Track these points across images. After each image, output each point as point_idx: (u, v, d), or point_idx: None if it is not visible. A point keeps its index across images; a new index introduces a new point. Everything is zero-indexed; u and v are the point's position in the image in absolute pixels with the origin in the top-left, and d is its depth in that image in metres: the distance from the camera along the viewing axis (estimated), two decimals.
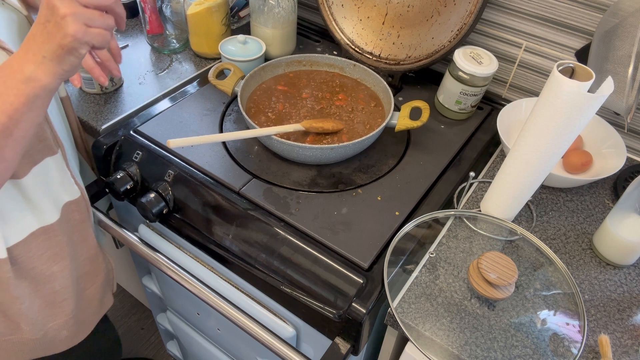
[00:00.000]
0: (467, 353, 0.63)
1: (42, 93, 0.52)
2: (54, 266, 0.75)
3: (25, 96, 0.51)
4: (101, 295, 0.90)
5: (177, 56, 1.11)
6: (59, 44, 0.50)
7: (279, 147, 0.81)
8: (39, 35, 0.50)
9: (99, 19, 0.51)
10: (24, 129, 0.53)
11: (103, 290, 0.90)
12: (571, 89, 0.59)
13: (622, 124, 0.92)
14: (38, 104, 0.52)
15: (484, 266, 0.67)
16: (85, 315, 0.86)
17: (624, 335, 0.66)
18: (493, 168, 0.90)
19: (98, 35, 0.51)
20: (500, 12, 0.95)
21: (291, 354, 0.74)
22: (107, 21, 0.52)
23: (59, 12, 0.48)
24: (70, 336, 0.84)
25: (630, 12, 0.75)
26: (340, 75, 0.98)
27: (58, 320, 0.80)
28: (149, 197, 0.82)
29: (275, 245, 0.74)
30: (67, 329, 0.82)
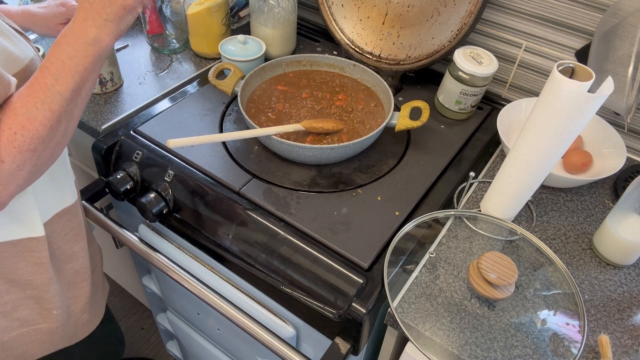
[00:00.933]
0: (467, 353, 0.63)
1: (104, 53, 0.58)
2: (75, 246, 0.77)
3: (92, 56, 0.56)
4: (102, 276, 0.91)
5: (177, 56, 1.11)
6: (121, 5, 0.56)
7: (279, 147, 0.81)
8: (98, 1, 0.56)
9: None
10: (89, 87, 0.59)
11: (101, 272, 0.91)
12: (571, 89, 0.59)
13: (622, 124, 0.92)
14: (100, 63, 0.58)
15: (484, 266, 0.67)
16: (96, 297, 0.87)
17: (624, 335, 0.66)
18: (493, 168, 0.90)
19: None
20: (500, 12, 0.95)
21: (291, 354, 0.74)
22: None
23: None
24: (90, 319, 0.85)
25: (630, 12, 0.75)
26: (340, 75, 0.98)
27: (80, 303, 0.81)
28: (149, 197, 0.82)
29: (275, 245, 0.74)
30: (87, 312, 0.83)
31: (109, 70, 0.97)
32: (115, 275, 1.63)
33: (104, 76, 0.97)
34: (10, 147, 0.53)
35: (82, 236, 0.79)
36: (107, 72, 0.97)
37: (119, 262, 1.42)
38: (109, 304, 1.70)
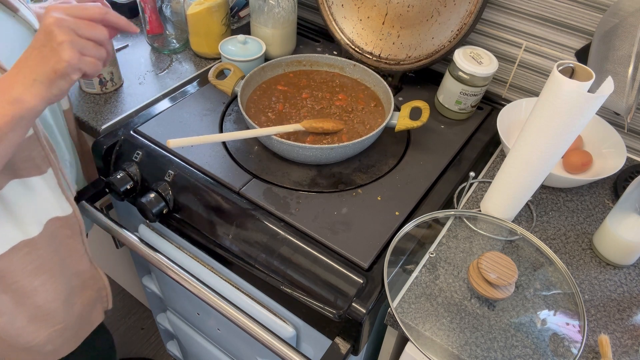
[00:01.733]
0: (467, 353, 0.63)
1: (27, 115, 0.52)
2: (35, 280, 0.73)
3: (9, 116, 0.51)
4: (89, 311, 0.88)
5: (177, 56, 1.11)
6: (52, 68, 0.51)
7: (279, 147, 0.81)
8: (32, 58, 0.51)
9: (93, 49, 0.54)
10: (3, 148, 0.53)
11: (92, 307, 0.88)
12: (571, 89, 0.59)
13: (622, 124, 0.92)
14: (22, 124, 0.53)
15: (484, 266, 0.67)
16: (72, 330, 0.84)
17: (624, 335, 0.66)
18: (493, 168, 0.90)
19: (90, 64, 0.54)
20: (500, 12, 0.95)
21: (291, 354, 0.74)
22: (100, 52, 0.55)
23: (56, 38, 0.50)
24: (54, 350, 0.82)
25: (630, 12, 0.75)
26: (340, 75, 0.98)
27: (41, 336, 0.78)
28: (149, 197, 0.82)
29: (275, 245, 0.74)
30: (52, 343, 0.80)
31: (109, 70, 0.97)
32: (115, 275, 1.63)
33: (104, 76, 0.97)
34: None
35: (46, 270, 0.74)
36: (107, 72, 0.97)
37: (119, 262, 1.42)
38: None
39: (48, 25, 0.51)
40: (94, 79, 0.96)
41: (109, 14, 0.56)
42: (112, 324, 1.67)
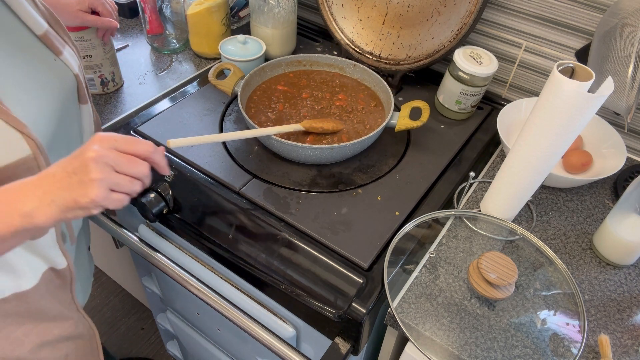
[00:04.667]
0: (467, 353, 0.63)
1: (32, 229, 0.49)
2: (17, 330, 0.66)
3: (15, 227, 0.48)
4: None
5: (177, 56, 1.11)
6: (74, 199, 0.48)
7: (279, 147, 0.81)
8: (59, 180, 0.48)
9: (127, 185, 0.51)
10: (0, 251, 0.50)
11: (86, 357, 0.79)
12: (571, 89, 0.59)
13: (622, 124, 0.92)
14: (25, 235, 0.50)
15: (484, 266, 0.67)
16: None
17: (624, 335, 0.66)
18: (493, 168, 0.90)
19: (116, 201, 0.51)
20: (500, 12, 0.95)
21: (291, 354, 0.74)
22: (134, 187, 0.52)
23: (89, 174, 0.48)
24: None
25: (630, 12, 0.75)
26: (340, 75, 0.98)
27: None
28: (149, 197, 0.82)
29: (275, 245, 0.74)
30: None
31: (110, 70, 0.97)
32: (115, 275, 1.63)
33: (106, 76, 0.97)
34: None
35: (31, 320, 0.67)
36: (109, 72, 0.97)
37: (119, 262, 1.42)
38: (109, 305, 1.71)
39: (86, 158, 0.48)
40: (96, 80, 0.96)
41: (156, 154, 0.54)
42: (112, 324, 1.67)
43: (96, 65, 0.94)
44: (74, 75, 0.60)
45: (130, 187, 0.51)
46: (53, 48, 0.56)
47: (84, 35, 0.88)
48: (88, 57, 0.92)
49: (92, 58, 0.93)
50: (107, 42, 0.93)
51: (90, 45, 0.91)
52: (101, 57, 0.94)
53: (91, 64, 0.93)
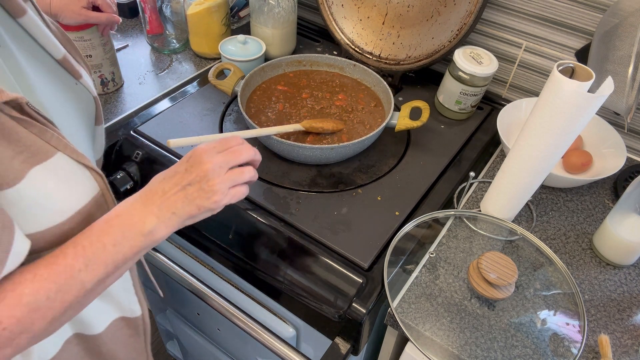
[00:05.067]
0: (467, 353, 0.63)
1: (152, 245, 0.50)
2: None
3: (139, 247, 0.49)
4: None
5: (177, 56, 1.11)
6: (199, 206, 0.51)
7: (279, 147, 0.81)
8: (174, 194, 0.50)
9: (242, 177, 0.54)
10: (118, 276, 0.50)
11: None
12: (571, 89, 0.59)
13: (622, 124, 0.92)
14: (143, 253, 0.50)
15: (484, 266, 0.67)
16: None
17: (624, 335, 0.66)
18: (493, 168, 0.90)
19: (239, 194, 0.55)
20: (500, 12, 0.95)
21: (291, 354, 0.74)
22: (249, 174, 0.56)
23: (209, 181, 0.51)
24: None
25: (630, 12, 0.75)
26: (340, 75, 0.98)
27: None
28: None
29: (275, 246, 0.74)
30: None
31: (110, 70, 0.97)
32: None
33: (106, 76, 0.97)
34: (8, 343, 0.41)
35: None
36: (109, 73, 0.97)
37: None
38: None
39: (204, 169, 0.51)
40: (96, 80, 0.96)
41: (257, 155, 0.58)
42: None
43: (96, 65, 0.94)
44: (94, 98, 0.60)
45: (245, 177, 0.55)
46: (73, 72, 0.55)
47: (84, 35, 0.88)
48: (88, 57, 0.92)
49: (92, 58, 0.93)
50: (107, 37, 0.92)
51: (90, 45, 0.91)
52: (101, 57, 0.94)
53: (91, 64, 0.93)
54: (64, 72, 0.55)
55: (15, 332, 0.42)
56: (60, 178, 0.46)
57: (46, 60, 0.53)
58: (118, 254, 0.47)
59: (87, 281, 0.45)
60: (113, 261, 0.47)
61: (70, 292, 0.44)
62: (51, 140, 0.45)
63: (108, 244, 0.46)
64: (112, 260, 0.47)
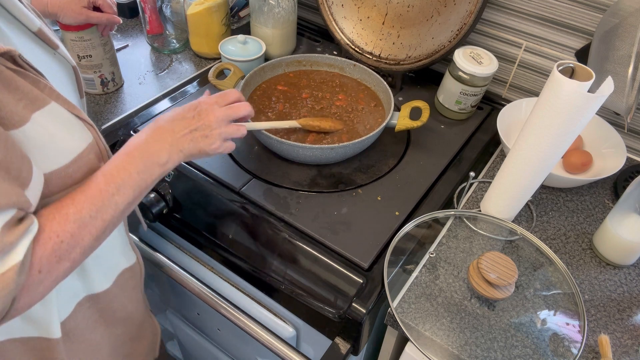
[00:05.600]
0: (467, 353, 0.63)
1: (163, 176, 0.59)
2: (98, 334, 0.70)
3: (157, 176, 0.58)
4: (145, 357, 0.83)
5: (177, 56, 1.11)
6: (200, 149, 0.61)
7: (279, 147, 0.81)
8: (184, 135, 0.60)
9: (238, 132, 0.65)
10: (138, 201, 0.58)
11: (145, 356, 0.83)
12: (571, 89, 0.59)
13: (622, 124, 0.92)
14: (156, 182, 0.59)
15: (484, 266, 0.67)
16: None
17: (624, 335, 0.66)
18: (493, 168, 0.90)
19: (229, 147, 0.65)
20: (500, 12, 0.95)
21: (291, 354, 0.74)
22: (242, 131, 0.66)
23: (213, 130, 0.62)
24: None
25: (630, 12, 0.75)
26: (340, 75, 0.98)
27: None
28: (148, 196, 0.82)
29: (275, 245, 0.74)
30: None
31: (110, 70, 0.97)
32: None
33: (106, 76, 0.97)
34: (53, 256, 0.48)
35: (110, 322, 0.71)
36: (109, 72, 0.97)
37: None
38: None
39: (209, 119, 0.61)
40: (96, 80, 0.96)
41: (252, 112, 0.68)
42: None
43: (96, 65, 0.94)
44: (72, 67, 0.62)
45: (239, 133, 0.65)
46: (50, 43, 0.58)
47: (84, 35, 0.88)
48: (88, 57, 0.92)
49: (92, 58, 0.93)
50: (107, 37, 0.93)
51: (90, 45, 0.91)
52: (101, 57, 0.94)
53: (91, 64, 0.93)
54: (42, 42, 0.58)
55: (71, 245, 0.49)
56: (58, 123, 0.51)
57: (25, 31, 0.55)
58: (142, 180, 0.55)
59: (120, 203, 0.53)
60: (138, 186, 0.55)
61: (108, 212, 0.52)
62: (45, 90, 0.50)
63: (133, 172, 0.55)
64: (137, 186, 0.55)
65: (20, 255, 0.45)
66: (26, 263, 0.45)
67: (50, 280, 0.49)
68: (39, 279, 0.47)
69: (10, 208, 0.44)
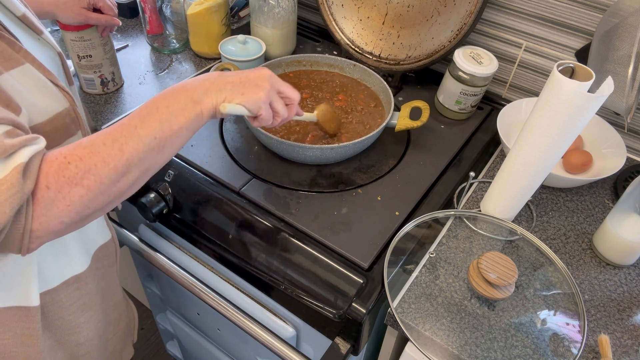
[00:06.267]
0: (467, 353, 0.63)
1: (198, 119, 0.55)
2: (80, 317, 0.69)
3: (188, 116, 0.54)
4: (122, 346, 0.84)
5: (177, 56, 1.11)
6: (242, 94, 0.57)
7: (279, 147, 0.81)
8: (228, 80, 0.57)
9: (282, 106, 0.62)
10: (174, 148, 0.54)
11: (124, 341, 0.84)
12: (571, 89, 0.59)
13: (622, 124, 0.92)
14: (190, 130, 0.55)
15: (484, 266, 0.67)
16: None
17: (624, 335, 0.66)
18: (493, 168, 0.90)
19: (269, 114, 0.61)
20: (500, 12, 0.95)
21: (291, 354, 0.74)
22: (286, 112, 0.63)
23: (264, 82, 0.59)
24: None
25: (630, 12, 0.75)
26: (340, 75, 0.98)
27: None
28: (149, 197, 0.82)
29: (275, 245, 0.74)
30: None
31: (110, 70, 0.97)
32: None
33: (106, 76, 0.97)
34: (59, 175, 0.46)
35: (91, 305, 0.71)
36: (109, 72, 0.97)
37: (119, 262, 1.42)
38: None
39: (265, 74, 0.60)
40: (96, 80, 0.96)
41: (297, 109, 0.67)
42: None
43: (96, 65, 0.94)
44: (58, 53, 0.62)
45: (283, 109, 0.62)
46: (34, 28, 0.59)
47: (84, 35, 0.88)
48: (88, 57, 0.92)
49: (92, 58, 0.93)
50: (107, 38, 0.93)
51: (90, 45, 0.91)
52: (101, 57, 0.94)
53: (91, 64, 0.93)
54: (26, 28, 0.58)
55: (81, 169, 0.47)
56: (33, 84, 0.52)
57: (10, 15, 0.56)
58: (171, 115, 0.52)
59: (144, 136, 0.50)
60: (167, 120, 0.52)
61: (128, 143, 0.49)
62: (20, 52, 0.51)
63: (162, 106, 0.52)
64: (165, 120, 0.52)
65: (24, 157, 0.44)
66: (32, 169, 0.45)
67: (65, 204, 0.47)
68: (49, 196, 0.46)
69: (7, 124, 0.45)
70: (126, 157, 0.49)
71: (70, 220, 0.48)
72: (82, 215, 0.49)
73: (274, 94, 0.61)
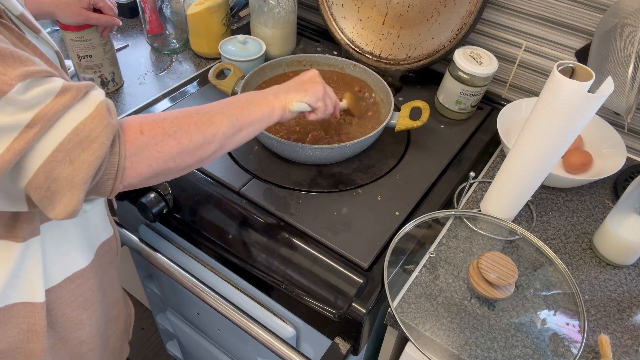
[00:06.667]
0: (467, 353, 0.63)
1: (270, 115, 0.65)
2: (83, 313, 0.69)
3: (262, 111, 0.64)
4: (121, 343, 0.83)
5: (177, 56, 1.11)
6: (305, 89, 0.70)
7: (279, 147, 0.81)
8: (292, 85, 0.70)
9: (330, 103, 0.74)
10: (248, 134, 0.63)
11: (122, 338, 0.84)
12: (571, 89, 0.59)
13: (622, 124, 0.92)
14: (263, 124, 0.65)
15: (484, 266, 0.67)
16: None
17: (624, 335, 0.66)
18: (493, 168, 0.90)
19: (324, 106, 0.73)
20: (500, 12, 0.95)
21: (291, 354, 0.74)
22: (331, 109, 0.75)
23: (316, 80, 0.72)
24: None
25: (630, 12, 0.75)
26: (340, 74, 0.98)
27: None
28: (149, 197, 0.82)
29: (275, 245, 0.74)
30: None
31: (110, 70, 0.97)
32: None
33: (106, 76, 0.97)
34: (155, 125, 0.53)
35: (93, 302, 0.71)
36: (109, 72, 0.97)
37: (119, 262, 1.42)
38: None
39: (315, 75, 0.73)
40: (96, 80, 0.96)
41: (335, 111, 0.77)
42: None
43: (96, 65, 0.94)
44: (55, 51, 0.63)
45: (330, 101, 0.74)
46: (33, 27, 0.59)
47: (84, 35, 0.88)
48: (88, 57, 0.92)
49: (92, 58, 0.93)
50: (107, 38, 0.93)
51: (90, 45, 0.91)
52: (101, 57, 0.94)
53: (91, 64, 0.93)
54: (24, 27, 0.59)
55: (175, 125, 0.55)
56: None
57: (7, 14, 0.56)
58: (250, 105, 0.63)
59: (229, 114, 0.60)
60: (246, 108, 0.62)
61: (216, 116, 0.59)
62: (29, 46, 0.52)
63: (242, 99, 0.63)
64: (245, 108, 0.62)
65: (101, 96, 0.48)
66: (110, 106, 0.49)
67: (157, 150, 0.52)
68: (143, 140, 0.51)
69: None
70: (213, 127, 0.58)
71: (156, 167, 0.53)
72: (166, 168, 0.54)
73: (326, 86, 0.73)
